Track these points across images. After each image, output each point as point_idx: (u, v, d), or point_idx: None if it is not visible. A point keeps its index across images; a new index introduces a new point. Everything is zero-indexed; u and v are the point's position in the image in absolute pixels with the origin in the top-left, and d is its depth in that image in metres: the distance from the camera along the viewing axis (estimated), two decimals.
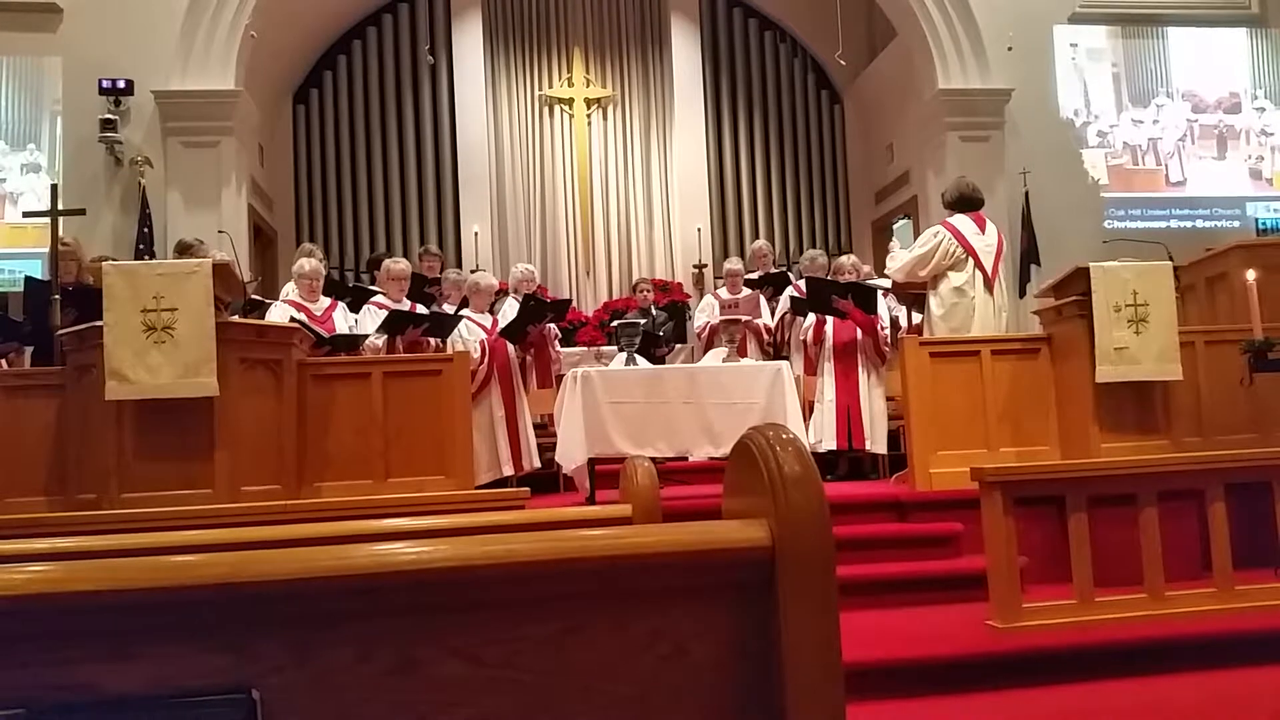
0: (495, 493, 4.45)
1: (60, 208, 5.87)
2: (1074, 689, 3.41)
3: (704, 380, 5.49)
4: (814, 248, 9.41)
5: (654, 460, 3.05)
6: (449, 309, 6.66)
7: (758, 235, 10.55)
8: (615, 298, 10.54)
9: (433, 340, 6.38)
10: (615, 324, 7.27)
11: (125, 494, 4.41)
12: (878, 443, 6.52)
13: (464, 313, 6.61)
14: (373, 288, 6.95)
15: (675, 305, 9.75)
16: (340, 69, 10.69)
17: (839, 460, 6.71)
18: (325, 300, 6.35)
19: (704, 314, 7.83)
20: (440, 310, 6.62)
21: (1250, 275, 4.68)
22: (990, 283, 5.83)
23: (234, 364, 4.64)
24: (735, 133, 11.18)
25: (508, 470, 6.36)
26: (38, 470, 4.85)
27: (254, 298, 6.32)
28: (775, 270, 8.33)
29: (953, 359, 5.38)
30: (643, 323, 6.82)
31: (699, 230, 10.77)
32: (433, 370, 5.30)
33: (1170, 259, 5.71)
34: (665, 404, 5.38)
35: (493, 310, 6.94)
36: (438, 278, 7.44)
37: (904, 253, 6.06)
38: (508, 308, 7.02)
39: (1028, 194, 9.09)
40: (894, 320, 6.69)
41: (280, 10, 8.88)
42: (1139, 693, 3.35)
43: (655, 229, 10.96)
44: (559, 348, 7.55)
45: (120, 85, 8.16)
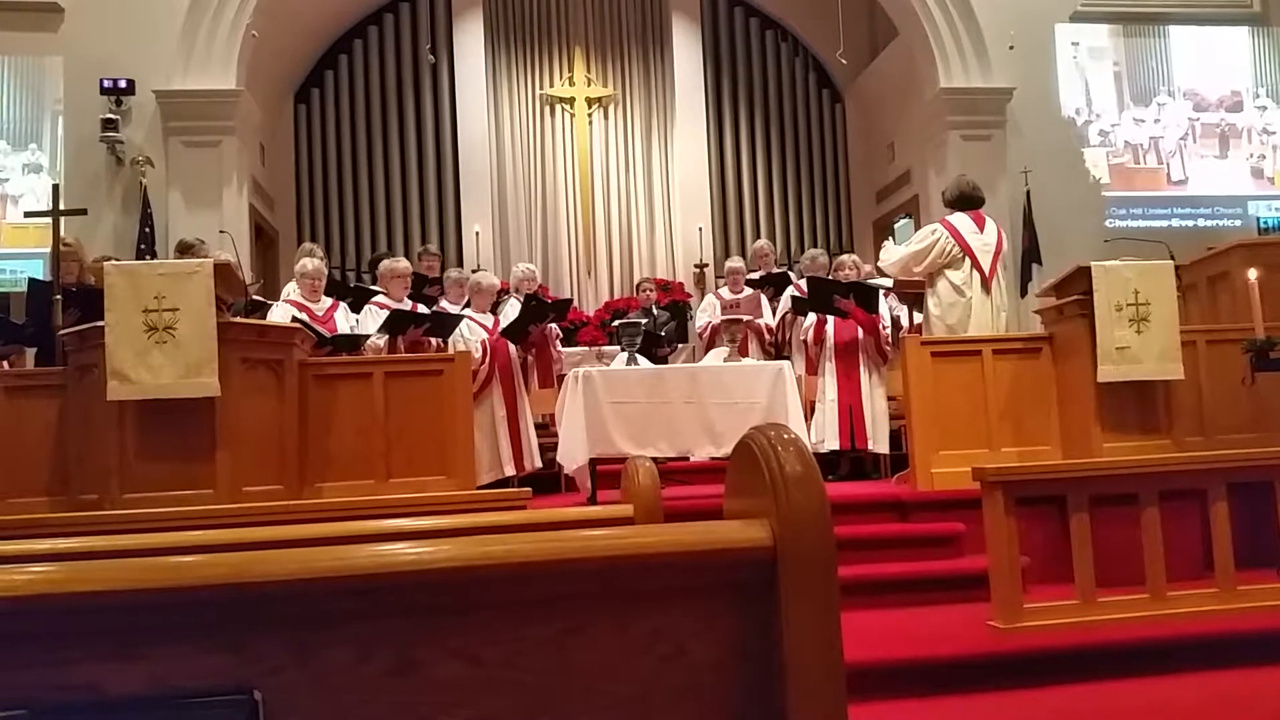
0: (497, 493, 4.45)
1: (62, 208, 5.87)
2: (1076, 689, 3.41)
3: (705, 380, 5.49)
4: (815, 247, 9.39)
5: (655, 460, 3.05)
6: (452, 308, 6.65)
7: (759, 234, 10.55)
8: (616, 297, 10.52)
9: (434, 340, 6.38)
10: (616, 324, 7.27)
11: (127, 494, 4.41)
12: (879, 442, 6.51)
13: (465, 312, 6.61)
14: (374, 288, 6.94)
15: (676, 305, 9.75)
16: (341, 68, 10.68)
17: (840, 460, 6.70)
18: (327, 300, 6.34)
19: (705, 314, 7.82)
20: (442, 310, 6.62)
21: (1252, 274, 4.68)
22: (987, 282, 5.82)
23: (235, 364, 4.64)
24: (736, 132, 11.16)
25: (509, 470, 6.36)
26: (39, 470, 4.85)
27: (256, 298, 6.32)
28: (776, 270, 8.32)
29: (954, 358, 5.38)
30: (644, 322, 6.82)
31: (700, 229, 10.76)
32: (434, 370, 5.29)
33: (1172, 258, 5.71)
34: (667, 404, 5.38)
35: (495, 310, 6.94)
36: (437, 278, 7.43)
37: (897, 247, 6.04)
38: (509, 308, 7.01)
39: (1029, 193, 9.08)
40: (895, 320, 6.69)
41: (281, 9, 8.88)
42: (1141, 693, 3.35)
43: (656, 228, 10.95)
44: (560, 347, 7.55)
45: (121, 85, 8.16)
